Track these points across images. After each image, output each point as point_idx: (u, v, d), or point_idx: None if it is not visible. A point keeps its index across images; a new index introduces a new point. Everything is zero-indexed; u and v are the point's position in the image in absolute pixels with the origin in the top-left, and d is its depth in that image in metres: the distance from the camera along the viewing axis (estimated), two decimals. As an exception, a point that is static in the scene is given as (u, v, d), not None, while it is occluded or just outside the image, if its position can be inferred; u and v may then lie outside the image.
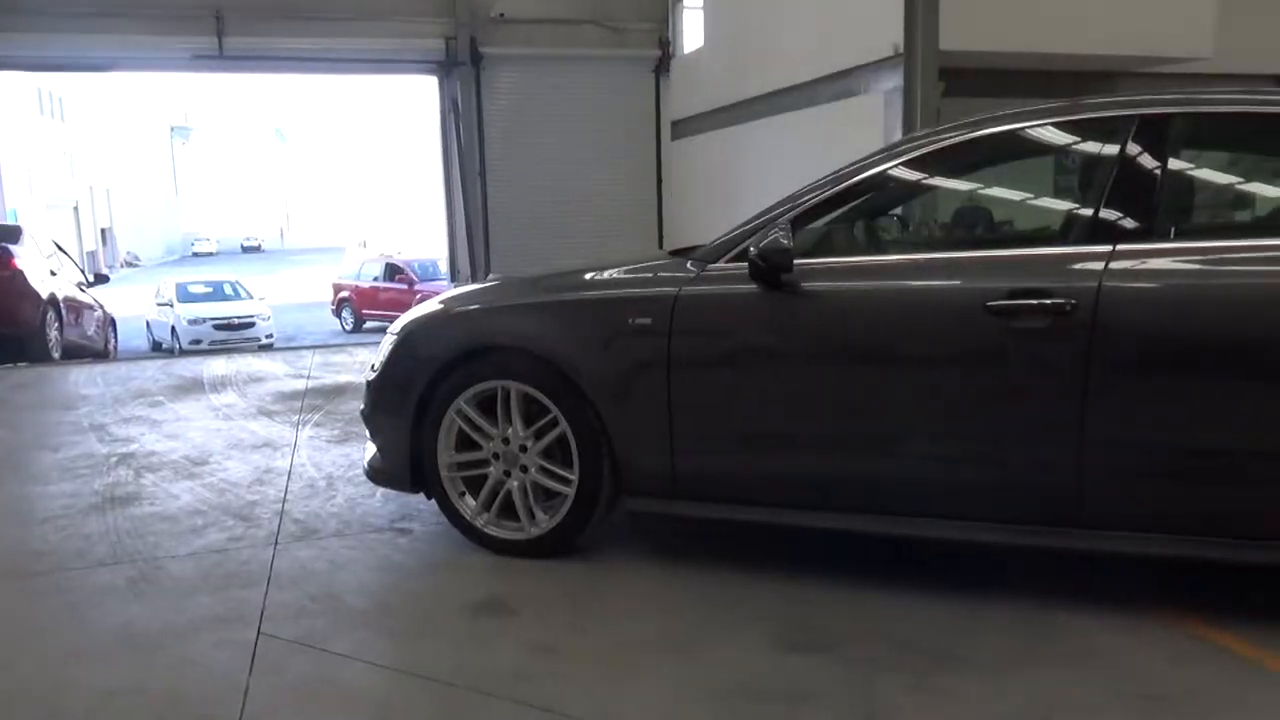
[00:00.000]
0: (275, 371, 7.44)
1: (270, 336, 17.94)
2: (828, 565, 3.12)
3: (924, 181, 3.42)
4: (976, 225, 4.47)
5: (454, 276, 14.28)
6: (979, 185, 4.63)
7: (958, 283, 2.75)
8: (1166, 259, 2.57)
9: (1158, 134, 2.69)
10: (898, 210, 4.07)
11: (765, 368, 2.94)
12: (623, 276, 3.21)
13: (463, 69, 13.63)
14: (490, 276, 12.25)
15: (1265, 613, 2.67)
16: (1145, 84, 11.06)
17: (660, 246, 13.54)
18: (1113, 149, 2.75)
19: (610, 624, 2.75)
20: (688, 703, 2.29)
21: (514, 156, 13.97)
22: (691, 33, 13.62)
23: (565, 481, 3.14)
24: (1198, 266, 2.55)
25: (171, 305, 18.35)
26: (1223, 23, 10.44)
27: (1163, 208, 2.66)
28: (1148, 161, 2.69)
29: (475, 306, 3.42)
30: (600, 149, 14.16)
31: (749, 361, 2.95)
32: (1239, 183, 3.92)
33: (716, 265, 3.00)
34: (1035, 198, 4.74)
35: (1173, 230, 2.70)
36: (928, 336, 2.75)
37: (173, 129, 60.62)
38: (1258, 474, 2.48)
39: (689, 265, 3.06)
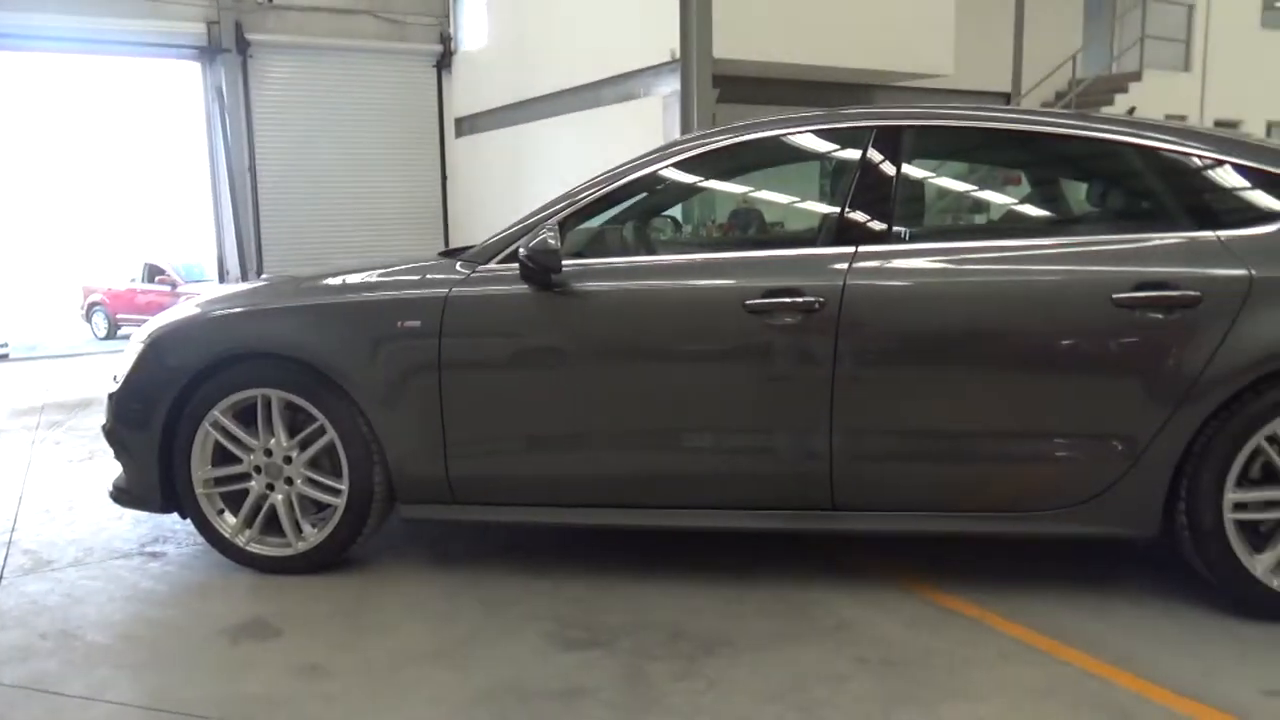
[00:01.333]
0: (8, 384, 6.67)
1: (4, 345, 16.05)
2: (603, 561, 3.17)
3: (692, 183, 3.55)
4: (741, 226, 4.64)
5: (223, 278, 13.35)
6: (745, 187, 4.85)
7: (720, 282, 2.87)
8: (901, 259, 2.80)
9: (893, 144, 2.92)
10: (668, 211, 4.20)
11: (539, 369, 2.94)
12: (390, 278, 3.12)
13: (228, 56, 12.76)
14: (263, 277, 11.55)
15: (986, 577, 2.97)
16: (898, 96, 12.04)
17: (446, 246, 13.28)
18: (855, 157, 2.96)
19: (382, 637, 2.66)
20: (460, 710, 2.26)
21: (288, 151, 13.23)
22: (474, 28, 13.44)
23: (335, 492, 3.02)
24: (929, 266, 2.79)
25: (-123, 312, 16.00)
26: (963, 45, 11.53)
27: (898, 212, 2.89)
28: (885, 169, 2.91)
29: (232, 310, 3.20)
30: (382, 145, 13.68)
31: (522, 363, 2.95)
32: (966, 190, 4.33)
33: (487, 266, 2.98)
34: (796, 201, 5.03)
35: (907, 233, 2.94)
36: (694, 335, 2.85)
37: (-121, 109, 52.84)
38: (979, 453, 2.75)
39: (459, 266, 3.01)
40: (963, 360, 2.73)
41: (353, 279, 3.18)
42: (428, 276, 3.03)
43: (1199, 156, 2.80)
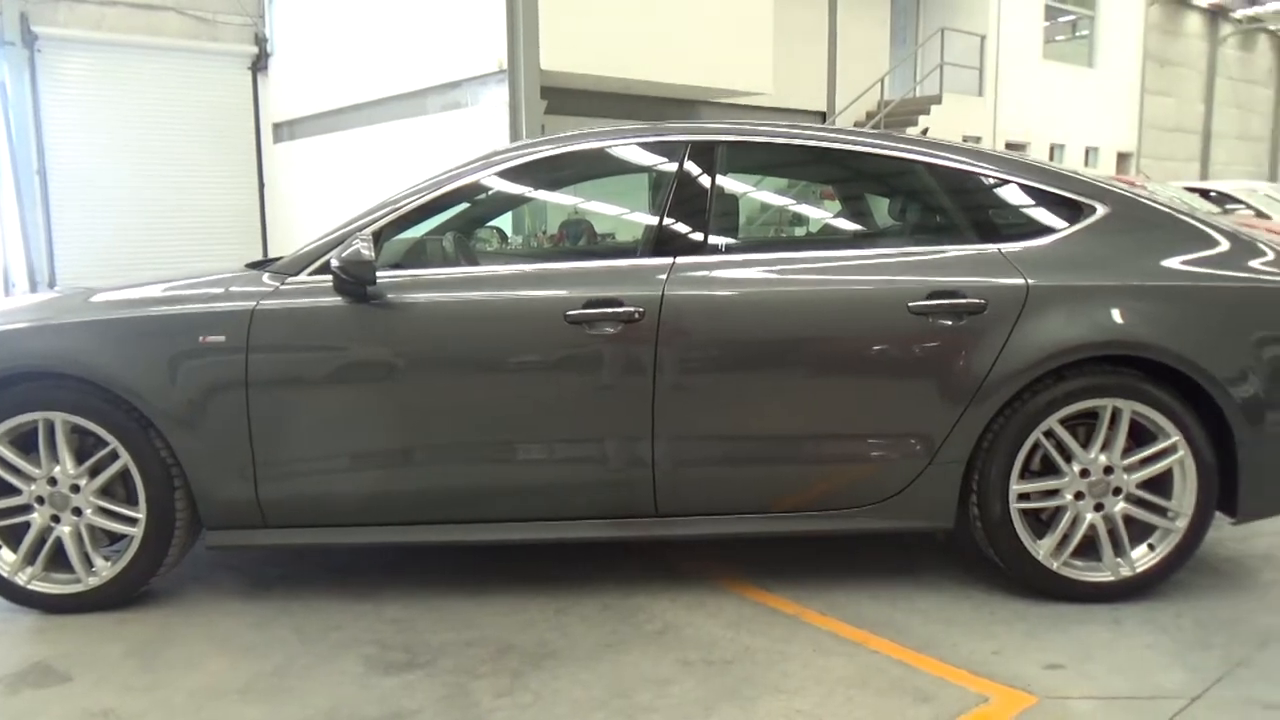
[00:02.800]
0: None
1: None
2: (430, 579, 3.09)
3: (516, 192, 3.53)
4: (572, 237, 4.66)
5: (8, 291, 12.18)
6: (572, 198, 4.87)
7: (540, 293, 2.86)
8: (718, 270, 2.88)
9: (707, 158, 3.01)
10: (493, 221, 4.17)
11: (355, 383, 2.84)
12: (190, 291, 2.93)
13: (11, 49, 11.69)
14: (54, 290, 10.61)
15: (803, 574, 3.09)
16: (723, 113, 12.44)
17: (265, 257, 12.63)
18: (672, 171, 3.03)
19: (184, 675, 2.49)
20: (271, 746, 2.15)
21: (85, 154, 12.23)
22: (291, 30, 12.89)
23: (130, 521, 2.81)
24: (744, 276, 2.88)
25: None
26: (783, 66, 12.06)
27: (714, 224, 2.98)
28: (700, 183, 3.00)
29: (10, 325, 2.91)
30: (192, 150, 12.86)
31: (337, 378, 2.83)
32: (780, 203, 4.53)
33: (298, 278, 2.86)
34: (625, 213, 5.10)
35: (724, 244, 3.04)
36: (514, 347, 2.82)
37: None
38: (793, 456, 2.86)
39: (266, 278, 2.88)
40: (777, 367, 2.84)
41: (149, 292, 2.97)
42: (232, 289, 2.87)
43: (985, 176, 3.03)
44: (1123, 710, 2.27)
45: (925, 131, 13.96)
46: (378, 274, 2.77)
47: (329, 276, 2.77)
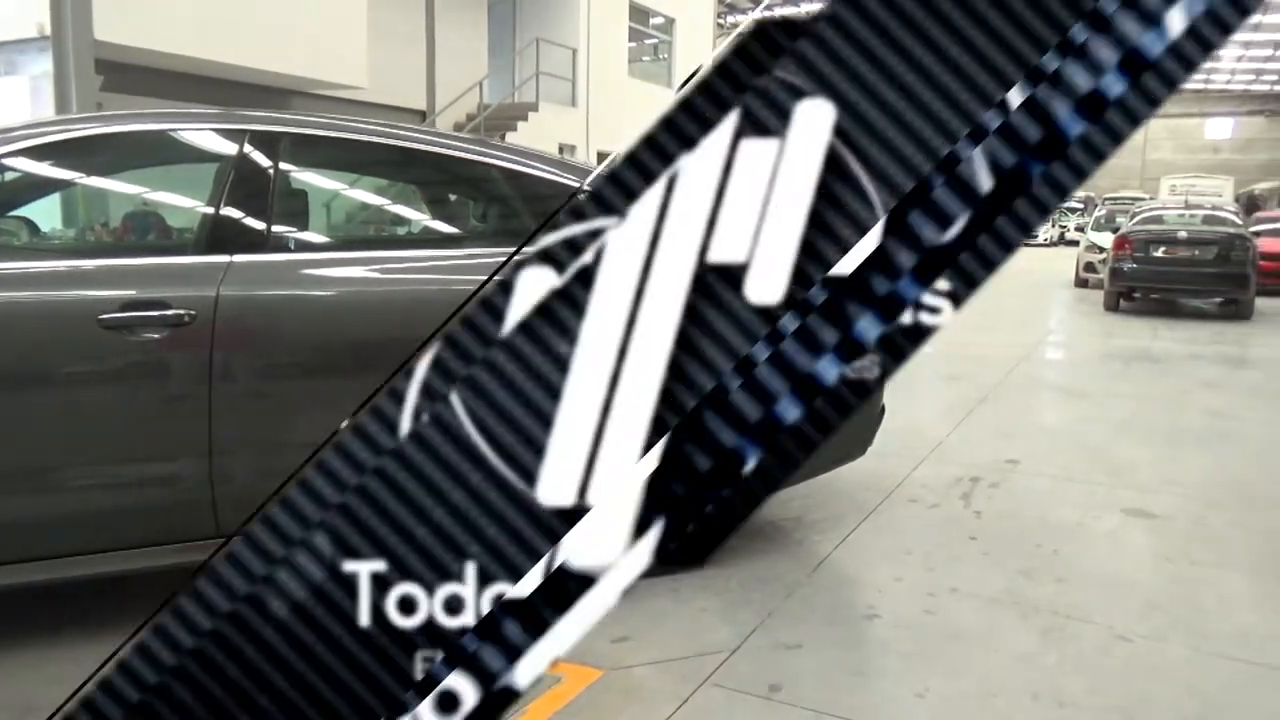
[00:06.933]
0: None
1: None
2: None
3: (45, 175, 3.07)
4: (138, 231, 4.14)
5: None
6: (120, 185, 4.33)
7: (67, 295, 2.50)
8: (278, 270, 2.71)
9: (267, 150, 2.82)
10: (17, 208, 3.57)
11: None
12: None
13: None
14: None
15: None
16: (316, 105, 11.85)
17: None
18: (231, 161, 2.80)
19: None
20: None
21: None
22: None
23: None
24: (305, 275, 2.75)
25: None
26: (383, 62, 11.76)
27: (276, 221, 2.80)
28: (261, 176, 2.80)
29: None
30: None
31: None
32: (349, 201, 4.40)
33: None
34: (190, 205, 4.65)
35: (291, 242, 2.87)
36: (31, 358, 2.43)
37: None
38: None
39: None
40: (341, 368, 2.71)
41: None
42: None
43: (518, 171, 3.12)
44: (676, 670, 2.51)
45: (504, 137, 14.50)
46: None
47: None
